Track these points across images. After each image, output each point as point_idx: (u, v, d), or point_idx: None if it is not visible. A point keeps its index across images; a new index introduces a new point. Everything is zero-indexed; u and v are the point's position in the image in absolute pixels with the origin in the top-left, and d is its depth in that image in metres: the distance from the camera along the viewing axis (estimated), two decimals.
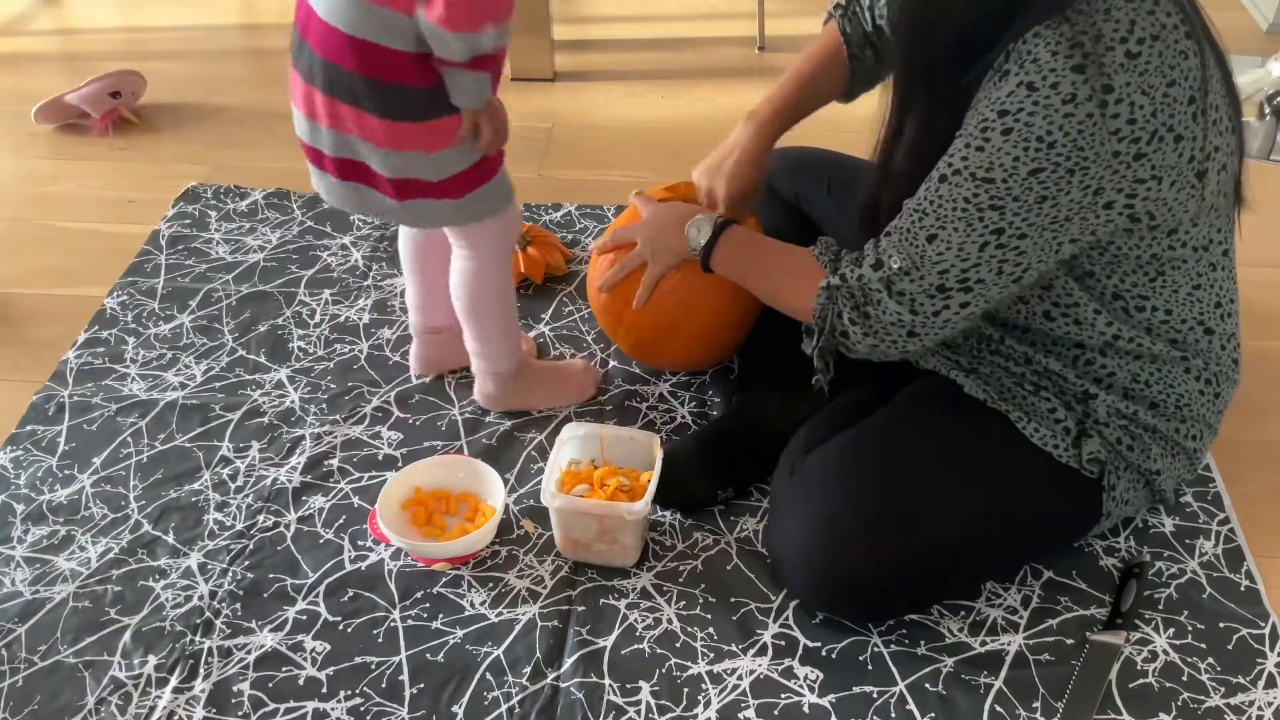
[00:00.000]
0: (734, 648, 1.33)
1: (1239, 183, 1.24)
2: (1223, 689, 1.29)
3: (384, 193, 1.37)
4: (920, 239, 1.17)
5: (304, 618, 1.37)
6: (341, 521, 1.49)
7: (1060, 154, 1.09)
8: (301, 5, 1.31)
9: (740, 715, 1.26)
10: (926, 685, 1.29)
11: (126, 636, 1.35)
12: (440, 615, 1.37)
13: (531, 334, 1.79)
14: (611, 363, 1.73)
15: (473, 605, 1.38)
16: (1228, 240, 1.27)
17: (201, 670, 1.31)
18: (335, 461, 1.58)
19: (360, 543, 1.46)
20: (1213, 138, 1.14)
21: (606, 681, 1.29)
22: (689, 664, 1.31)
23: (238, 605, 1.38)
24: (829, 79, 1.53)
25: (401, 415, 1.65)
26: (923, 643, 1.33)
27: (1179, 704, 1.27)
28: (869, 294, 1.22)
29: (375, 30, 1.25)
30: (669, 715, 1.26)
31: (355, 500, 1.52)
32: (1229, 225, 1.26)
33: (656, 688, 1.29)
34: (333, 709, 1.27)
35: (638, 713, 1.27)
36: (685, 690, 1.29)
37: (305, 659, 1.32)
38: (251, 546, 1.45)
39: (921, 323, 1.21)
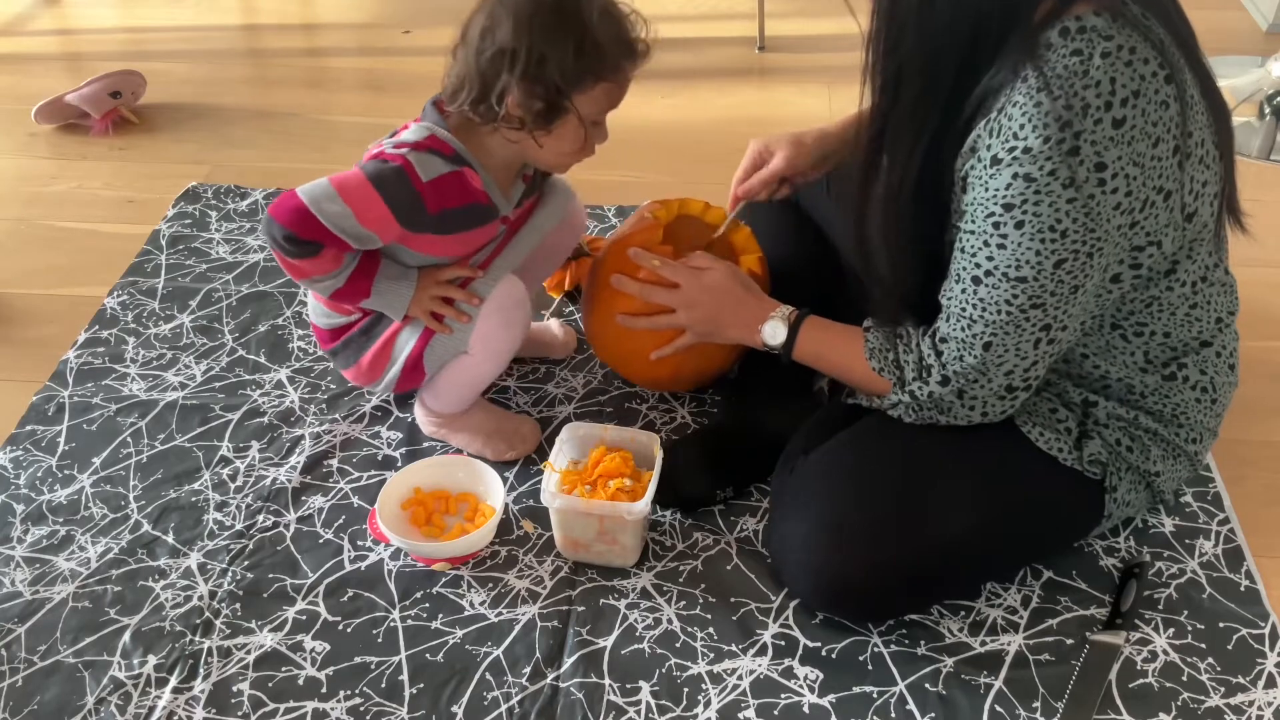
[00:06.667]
0: (734, 648, 1.33)
1: (1232, 200, 1.23)
2: (1223, 689, 1.29)
3: None
4: (976, 348, 1.20)
5: (304, 618, 1.37)
6: (341, 521, 1.49)
7: (1076, 241, 1.10)
8: None
9: (740, 715, 1.26)
10: (926, 685, 1.29)
11: (126, 636, 1.35)
12: (440, 615, 1.37)
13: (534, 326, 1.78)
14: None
15: (472, 605, 1.38)
16: (1225, 258, 1.28)
17: (201, 670, 1.31)
18: (335, 461, 1.58)
19: (360, 543, 1.46)
20: (1199, 174, 1.14)
21: (606, 681, 1.29)
22: (689, 664, 1.31)
23: (237, 605, 1.38)
24: None
25: (401, 415, 1.65)
26: (923, 643, 1.33)
27: (1179, 704, 1.27)
28: (942, 404, 1.26)
29: None
30: (669, 715, 1.26)
31: (355, 500, 1.52)
32: (1225, 243, 1.27)
33: (656, 688, 1.29)
34: (332, 709, 1.27)
35: (638, 713, 1.27)
36: (685, 690, 1.29)
37: (305, 659, 1.32)
38: (251, 546, 1.45)
39: (995, 414, 1.26)
